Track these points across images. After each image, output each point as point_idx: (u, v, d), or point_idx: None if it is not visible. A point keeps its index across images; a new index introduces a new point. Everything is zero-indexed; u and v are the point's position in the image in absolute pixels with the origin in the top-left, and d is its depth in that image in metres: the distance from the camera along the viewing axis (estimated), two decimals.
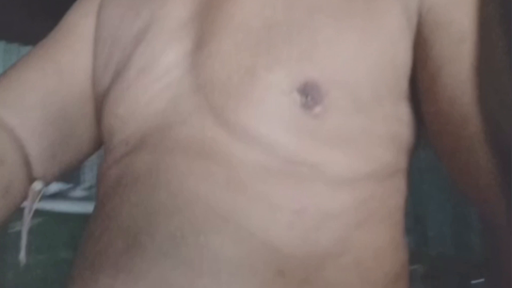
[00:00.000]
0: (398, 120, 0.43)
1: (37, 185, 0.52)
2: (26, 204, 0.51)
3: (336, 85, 0.40)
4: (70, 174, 0.57)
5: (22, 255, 0.52)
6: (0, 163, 0.48)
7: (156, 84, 0.45)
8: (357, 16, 0.42)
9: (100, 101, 0.51)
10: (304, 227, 0.39)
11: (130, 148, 0.44)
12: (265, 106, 0.40)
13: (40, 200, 0.52)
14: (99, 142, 0.56)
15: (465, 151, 0.39)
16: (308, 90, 0.40)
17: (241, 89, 0.41)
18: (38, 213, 0.52)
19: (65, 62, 0.55)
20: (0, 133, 0.50)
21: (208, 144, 0.40)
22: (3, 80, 0.53)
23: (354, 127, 0.41)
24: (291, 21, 0.42)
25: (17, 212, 0.51)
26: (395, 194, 0.44)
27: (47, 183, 0.53)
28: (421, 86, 0.43)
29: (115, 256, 0.39)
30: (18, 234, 0.51)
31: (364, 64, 0.41)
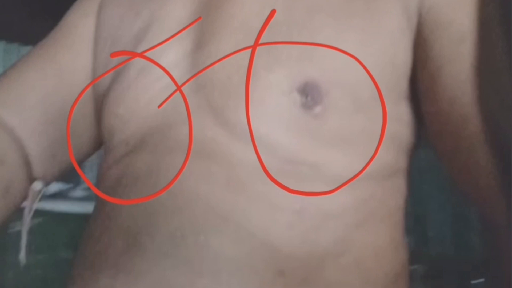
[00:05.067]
0: (398, 120, 0.43)
1: (37, 185, 0.52)
2: (26, 204, 0.51)
3: (336, 85, 0.40)
4: (70, 174, 0.57)
5: (22, 255, 0.52)
6: (0, 163, 0.48)
7: (156, 84, 0.45)
8: (357, 16, 0.42)
9: (100, 101, 0.51)
10: (304, 227, 0.39)
11: (130, 148, 0.44)
12: (265, 106, 0.40)
13: (40, 200, 0.52)
14: (99, 142, 0.56)
15: (465, 151, 0.39)
16: (308, 90, 0.40)
17: (241, 89, 0.41)
18: (38, 213, 0.52)
19: (65, 62, 0.55)
20: (0, 133, 0.50)
21: (208, 144, 0.40)
22: (3, 80, 0.53)
23: (354, 127, 0.41)
24: (291, 21, 0.42)
25: (17, 212, 0.51)
26: (395, 194, 0.44)
27: (47, 183, 0.53)
28: (421, 86, 0.43)
29: (115, 256, 0.39)
30: (18, 234, 0.51)
31: (364, 64, 0.41)
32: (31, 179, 0.52)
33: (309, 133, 0.40)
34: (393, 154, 0.43)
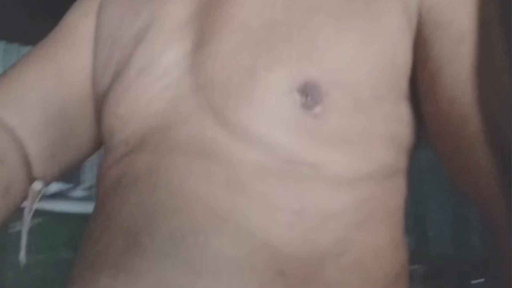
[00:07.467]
0: (398, 120, 0.43)
1: (37, 185, 0.52)
2: (26, 204, 0.51)
3: (336, 85, 0.40)
4: (70, 174, 0.58)
5: (22, 255, 0.52)
6: (0, 163, 0.48)
7: (156, 84, 0.45)
8: (357, 16, 0.42)
9: (100, 101, 0.51)
10: (304, 227, 0.39)
11: (130, 148, 0.44)
12: (265, 106, 0.40)
13: (40, 200, 0.52)
14: (99, 142, 0.56)
15: (465, 151, 0.39)
16: (308, 90, 0.40)
17: (241, 89, 0.41)
18: (38, 213, 0.52)
19: (65, 62, 0.55)
20: (0, 133, 0.50)
21: (208, 144, 0.40)
22: (3, 80, 0.53)
23: (354, 127, 0.41)
24: (291, 21, 0.42)
25: (17, 212, 0.51)
26: (395, 194, 0.44)
27: (47, 183, 0.53)
28: (421, 86, 0.43)
29: (115, 256, 0.39)
30: (18, 234, 0.51)
31: (364, 64, 0.41)
32: (31, 179, 0.52)
33: (309, 133, 0.40)
34: (393, 154, 0.43)
